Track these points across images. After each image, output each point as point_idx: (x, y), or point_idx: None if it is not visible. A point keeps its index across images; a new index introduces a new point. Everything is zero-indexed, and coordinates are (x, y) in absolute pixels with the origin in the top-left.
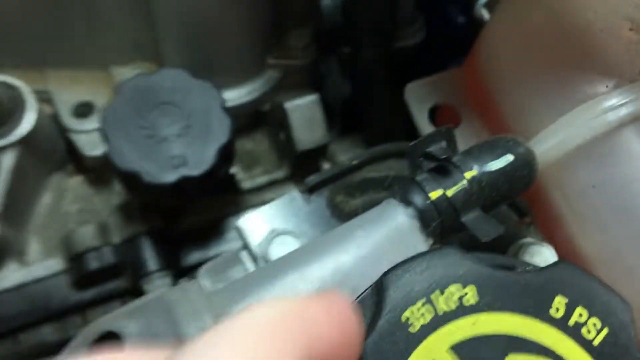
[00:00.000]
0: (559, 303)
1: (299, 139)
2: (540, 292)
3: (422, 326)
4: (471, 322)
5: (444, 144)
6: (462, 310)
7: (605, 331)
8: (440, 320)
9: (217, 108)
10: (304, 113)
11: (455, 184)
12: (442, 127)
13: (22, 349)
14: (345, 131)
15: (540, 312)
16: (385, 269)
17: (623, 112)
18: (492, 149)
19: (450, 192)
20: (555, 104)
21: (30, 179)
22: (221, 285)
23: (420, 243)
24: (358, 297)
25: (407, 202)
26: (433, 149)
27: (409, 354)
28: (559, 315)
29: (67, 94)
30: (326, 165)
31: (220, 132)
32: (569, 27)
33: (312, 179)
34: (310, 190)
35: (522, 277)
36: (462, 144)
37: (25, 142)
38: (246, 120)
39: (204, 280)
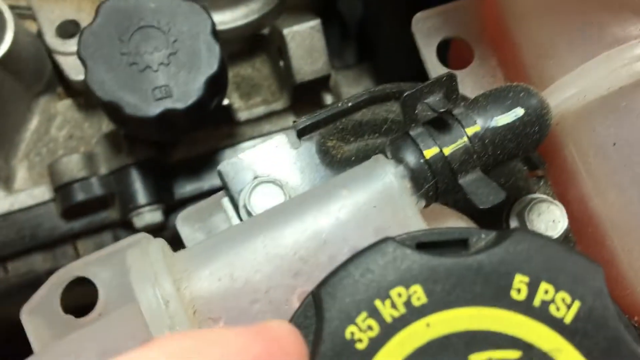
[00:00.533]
0: (520, 283)
1: (298, 69)
2: (497, 274)
3: (371, 340)
4: (424, 324)
5: (443, 94)
6: (412, 313)
7: (576, 305)
8: (390, 330)
9: (206, 33)
10: (303, 41)
11: (454, 141)
12: (443, 75)
13: (11, 277)
14: (363, 56)
15: (500, 298)
16: (370, 236)
17: None
18: (500, 101)
19: (447, 150)
20: (580, 47)
21: (15, 102)
22: (200, 235)
23: (410, 206)
24: (295, 312)
25: (398, 159)
26: (431, 100)
27: None
28: (522, 297)
29: (51, 10)
30: (329, 97)
31: (209, 61)
32: None
33: (301, 121)
34: (300, 134)
35: (474, 260)
36: (473, 83)
37: (4, 63)
38: (244, 44)
39: (183, 227)
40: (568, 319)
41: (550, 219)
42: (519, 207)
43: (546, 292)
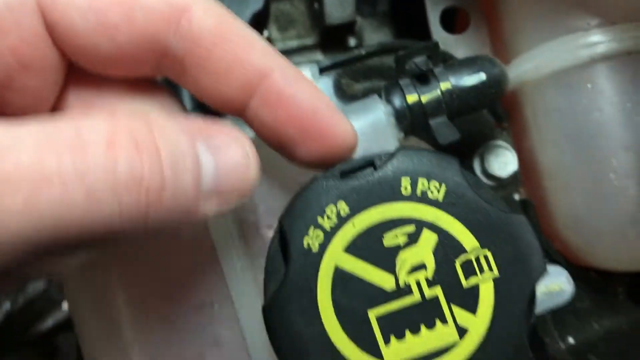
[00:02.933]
0: (405, 182)
1: (329, 13)
2: (390, 181)
3: (320, 244)
4: (351, 225)
5: (428, 56)
6: (342, 220)
7: (444, 188)
8: (330, 234)
9: None
10: None
11: (430, 92)
12: (430, 42)
13: None
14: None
15: (395, 195)
16: (360, 153)
17: (596, 50)
18: (470, 67)
19: (424, 99)
20: (544, 30)
21: None
22: None
23: (392, 136)
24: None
25: (388, 100)
26: (419, 60)
27: (318, 266)
28: (408, 192)
29: None
30: (352, 40)
31: None
32: None
33: (323, 61)
34: (321, 70)
35: (375, 175)
36: (465, 47)
37: None
38: None
39: None
40: (440, 198)
41: (503, 161)
42: (482, 149)
43: (423, 184)
